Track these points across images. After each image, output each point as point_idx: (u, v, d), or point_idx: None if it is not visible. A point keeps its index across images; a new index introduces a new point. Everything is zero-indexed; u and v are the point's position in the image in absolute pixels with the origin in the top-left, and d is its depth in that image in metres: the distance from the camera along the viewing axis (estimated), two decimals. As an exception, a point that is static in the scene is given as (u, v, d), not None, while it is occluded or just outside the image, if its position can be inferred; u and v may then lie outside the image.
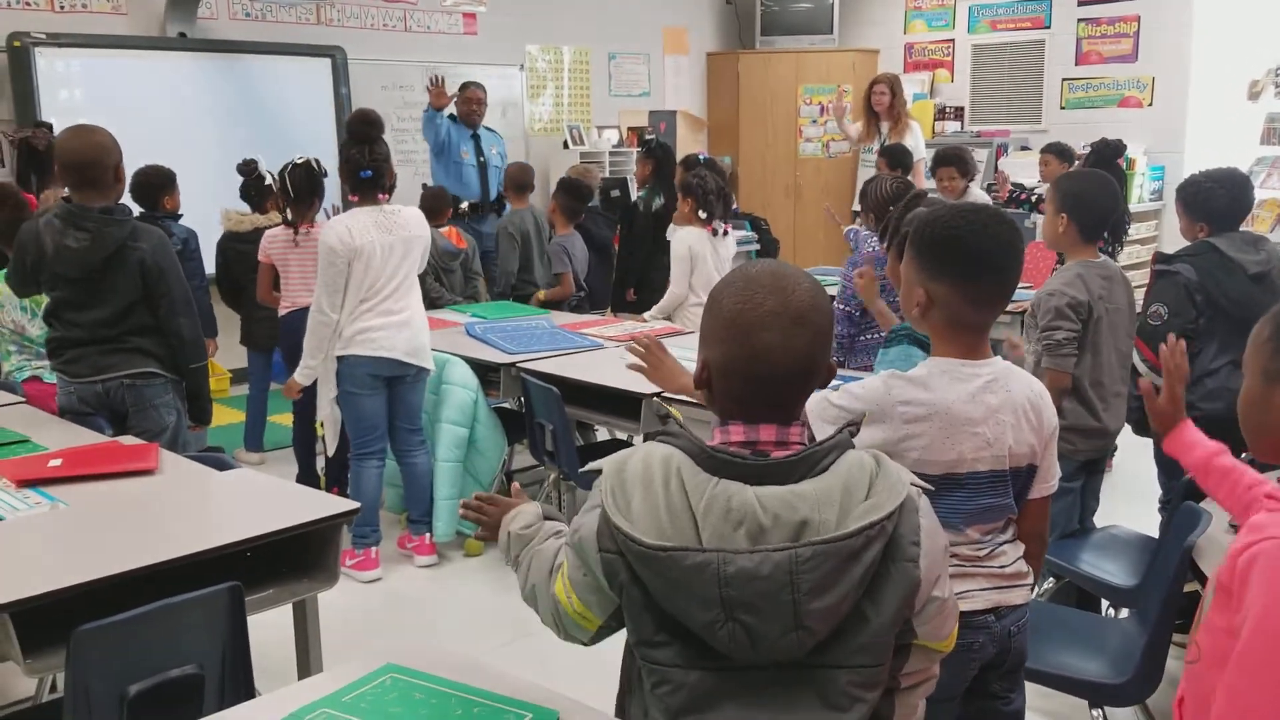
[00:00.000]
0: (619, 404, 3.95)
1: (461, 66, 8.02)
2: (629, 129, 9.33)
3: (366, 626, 3.77)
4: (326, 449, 4.33)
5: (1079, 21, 8.82)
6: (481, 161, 6.91)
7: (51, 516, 2.54)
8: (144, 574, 2.19)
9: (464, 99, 6.90)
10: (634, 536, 1.29)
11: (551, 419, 4.08)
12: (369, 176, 4.00)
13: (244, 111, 7.09)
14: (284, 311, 4.69)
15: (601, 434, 5.14)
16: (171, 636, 2.10)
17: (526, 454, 4.66)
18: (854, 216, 6.70)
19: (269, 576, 2.51)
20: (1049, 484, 2.02)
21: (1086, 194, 3.21)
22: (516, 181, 6.07)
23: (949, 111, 9.56)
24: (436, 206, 5.64)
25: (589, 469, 1.40)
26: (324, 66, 7.46)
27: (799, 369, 1.38)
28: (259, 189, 5.24)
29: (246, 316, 5.31)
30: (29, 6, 6.37)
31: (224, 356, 5.92)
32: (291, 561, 2.55)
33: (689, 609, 1.28)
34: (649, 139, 7.09)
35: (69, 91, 6.41)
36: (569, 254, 5.72)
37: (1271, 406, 1.52)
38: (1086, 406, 3.16)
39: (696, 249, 4.95)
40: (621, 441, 4.88)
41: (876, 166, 6.43)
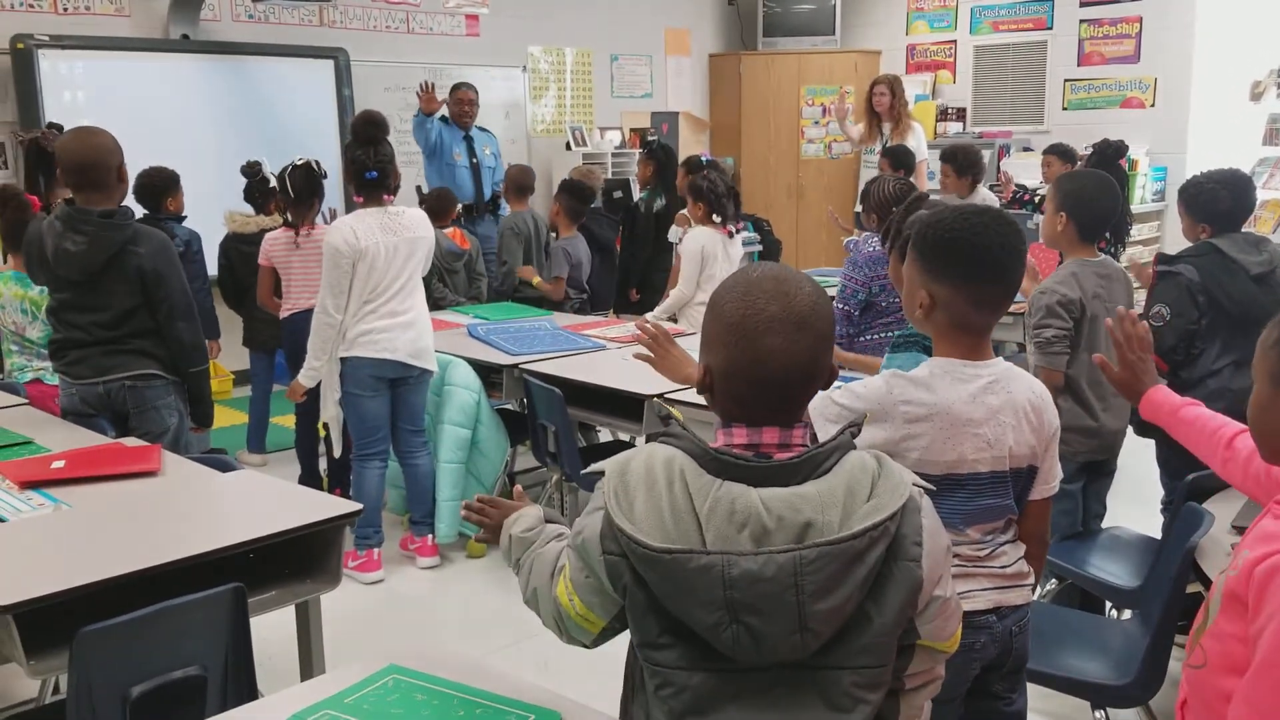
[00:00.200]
0: (621, 405, 3.95)
1: (464, 68, 8.03)
2: (631, 130, 9.33)
3: (369, 628, 3.77)
4: (332, 451, 4.33)
5: (1081, 22, 8.82)
6: (474, 163, 6.84)
7: (54, 518, 2.55)
8: (147, 575, 2.20)
9: (455, 100, 6.82)
10: (638, 539, 1.28)
11: (554, 420, 4.08)
12: (374, 177, 4.00)
13: (247, 113, 7.09)
14: (286, 313, 4.69)
15: (604, 435, 5.14)
16: (174, 638, 2.11)
17: (529, 455, 4.66)
18: (856, 218, 6.70)
19: (271, 578, 2.51)
20: (1050, 485, 2.02)
21: (1085, 193, 3.22)
22: (517, 183, 6.03)
23: (951, 112, 9.56)
24: (441, 208, 5.64)
25: (591, 470, 1.40)
26: (327, 68, 7.46)
27: (802, 373, 1.39)
28: (263, 191, 5.23)
29: (249, 318, 5.31)
30: (32, 8, 6.38)
31: (226, 358, 5.92)
32: (294, 563, 2.55)
33: (693, 611, 1.28)
34: (651, 140, 7.08)
35: (72, 93, 6.42)
36: (570, 257, 5.71)
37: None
38: (1084, 406, 3.16)
39: (709, 249, 4.94)
40: (624, 443, 4.88)
41: (879, 167, 6.43)
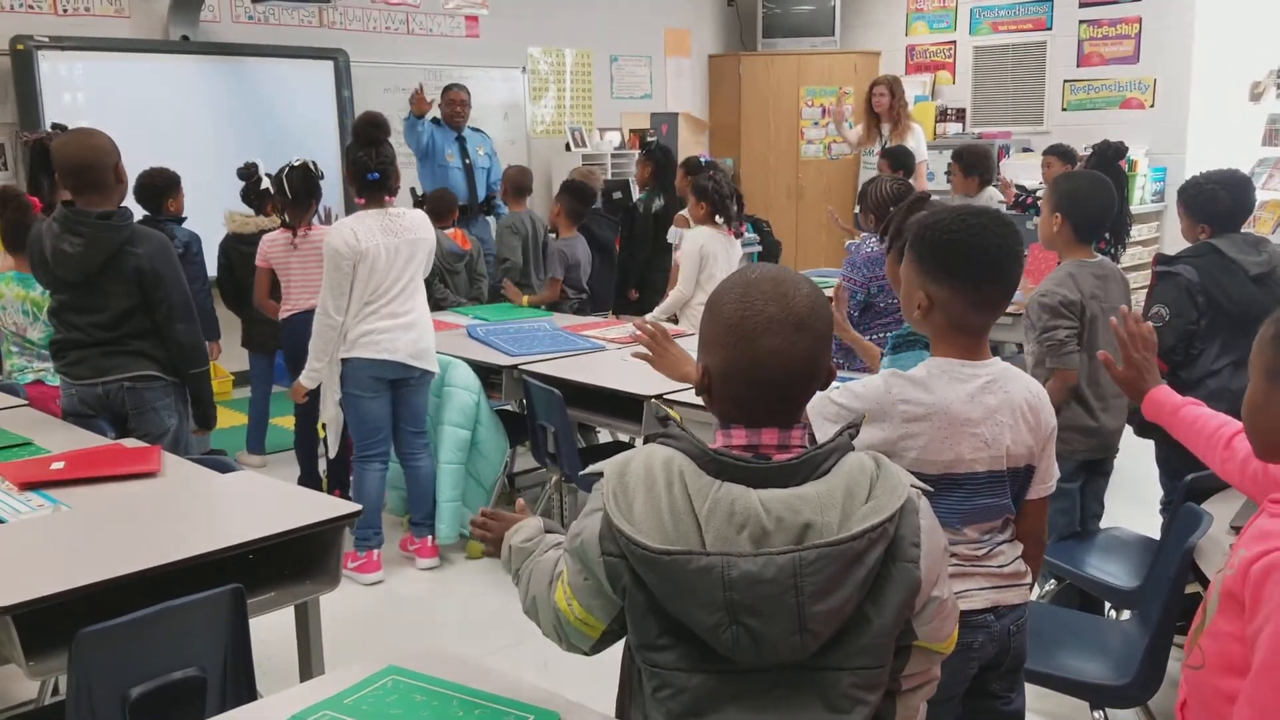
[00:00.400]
0: (621, 406, 3.95)
1: (463, 69, 8.03)
2: (631, 131, 9.33)
3: (368, 629, 3.77)
4: (328, 451, 4.33)
5: (1080, 23, 8.81)
6: (467, 164, 6.82)
7: (54, 519, 2.55)
8: (146, 576, 2.20)
9: (446, 101, 6.79)
10: (637, 540, 1.28)
11: (553, 421, 4.08)
12: (376, 179, 3.99)
13: (246, 114, 7.09)
14: (285, 314, 4.69)
15: (604, 436, 5.14)
16: (174, 639, 2.11)
17: (528, 456, 4.66)
18: (856, 219, 6.70)
19: (271, 579, 2.51)
20: (1047, 485, 2.03)
21: (1082, 194, 3.22)
22: (515, 184, 6.01)
23: (950, 113, 9.55)
24: (441, 208, 5.63)
25: (589, 472, 1.40)
26: (326, 69, 7.46)
27: (801, 373, 1.39)
28: (257, 193, 5.23)
29: (248, 319, 5.31)
30: (32, 10, 6.38)
31: (226, 359, 5.92)
32: (293, 564, 2.55)
33: (692, 612, 1.28)
34: (649, 141, 7.08)
35: (72, 94, 6.42)
36: (568, 258, 5.69)
37: (1275, 407, 1.52)
38: (1083, 405, 3.16)
39: (709, 249, 4.93)
40: (624, 443, 4.88)
41: (878, 168, 6.43)
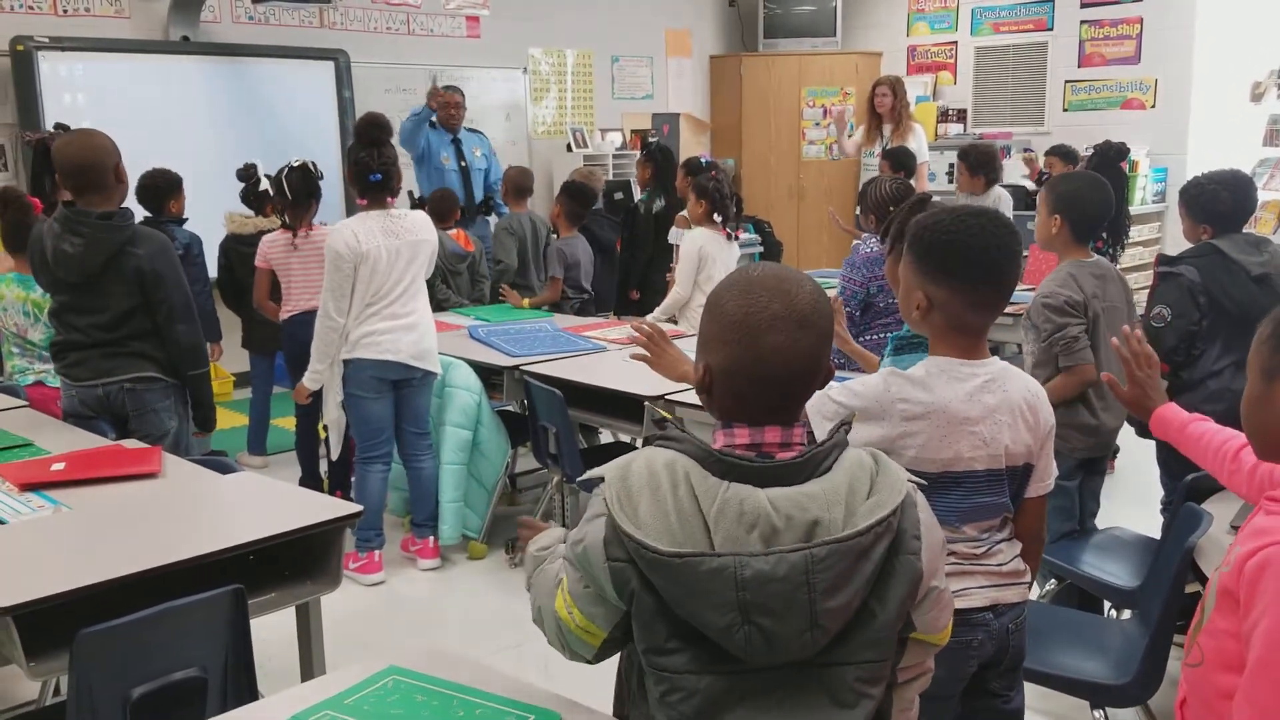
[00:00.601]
0: (622, 406, 3.95)
1: (464, 70, 8.04)
2: (632, 132, 9.32)
3: (369, 629, 3.78)
4: (330, 452, 4.34)
5: (1081, 24, 8.82)
6: (463, 165, 6.79)
7: (54, 520, 2.55)
8: (147, 577, 2.20)
9: (440, 104, 6.76)
10: (646, 543, 1.28)
11: (554, 421, 4.08)
12: (379, 179, 3.98)
13: (247, 115, 7.09)
14: (286, 315, 4.70)
15: (605, 436, 5.14)
16: (175, 639, 2.11)
17: (530, 457, 4.66)
18: (857, 219, 6.70)
19: (272, 579, 2.52)
20: (1045, 483, 2.03)
21: (1079, 194, 3.22)
22: (516, 185, 6.01)
23: (952, 114, 9.56)
24: (443, 209, 5.64)
25: (588, 477, 1.39)
26: (327, 70, 7.46)
27: (803, 370, 1.40)
28: (257, 194, 5.23)
29: (249, 320, 5.31)
30: (32, 10, 6.39)
31: (227, 360, 5.92)
32: (294, 565, 2.55)
33: (704, 614, 1.28)
34: (650, 142, 7.08)
35: (72, 95, 6.42)
36: (567, 257, 5.69)
37: (1272, 404, 1.52)
38: (1084, 404, 3.16)
39: (707, 250, 4.94)
40: (625, 444, 4.89)
41: (880, 169, 6.43)
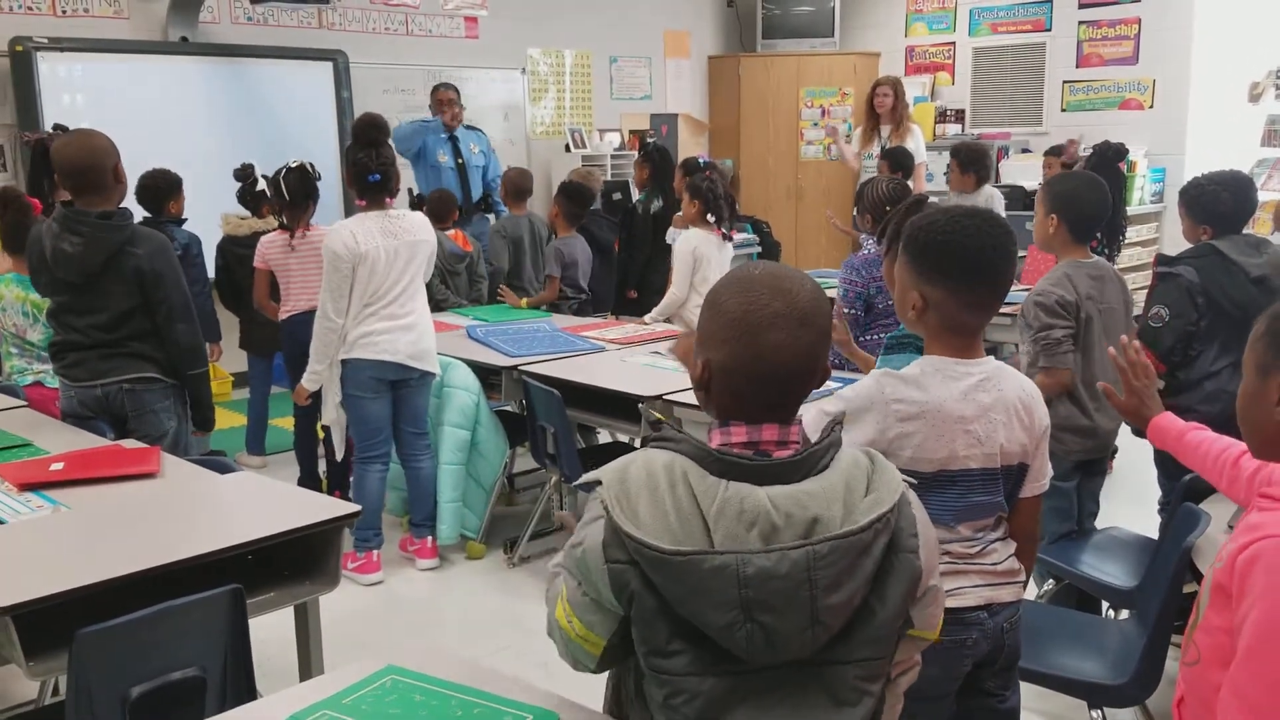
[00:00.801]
0: (620, 406, 3.95)
1: (463, 70, 8.04)
2: (630, 132, 9.32)
3: (367, 629, 3.78)
4: (333, 453, 4.33)
5: (1080, 24, 8.82)
6: (460, 163, 6.78)
7: (53, 520, 2.55)
8: (146, 577, 2.20)
9: (435, 101, 6.76)
10: (648, 543, 1.27)
11: (553, 422, 4.09)
12: (377, 180, 3.98)
13: (246, 115, 7.09)
14: (285, 315, 4.69)
15: (603, 436, 5.15)
16: (173, 639, 2.11)
17: (528, 457, 4.66)
18: (854, 220, 6.71)
19: (270, 579, 2.52)
20: (1040, 483, 2.04)
21: (1076, 194, 3.22)
22: (515, 186, 5.99)
23: (950, 114, 9.56)
24: (442, 210, 5.64)
25: (585, 480, 1.39)
26: (326, 70, 7.46)
27: (803, 368, 1.40)
28: (254, 195, 5.23)
29: (247, 320, 5.32)
30: (31, 11, 6.38)
31: (225, 360, 5.92)
32: (293, 565, 2.55)
33: (706, 613, 1.28)
34: (648, 142, 7.08)
35: (71, 96, 6.42)
36: (564, 256, 5.69)
37: (1266, 401, 1.52)
38: (1078, 405, 3.16)
39: (701, 251, 4.95)
40: (623, 444, 4.89)
41: (878, 169, 6.43)
